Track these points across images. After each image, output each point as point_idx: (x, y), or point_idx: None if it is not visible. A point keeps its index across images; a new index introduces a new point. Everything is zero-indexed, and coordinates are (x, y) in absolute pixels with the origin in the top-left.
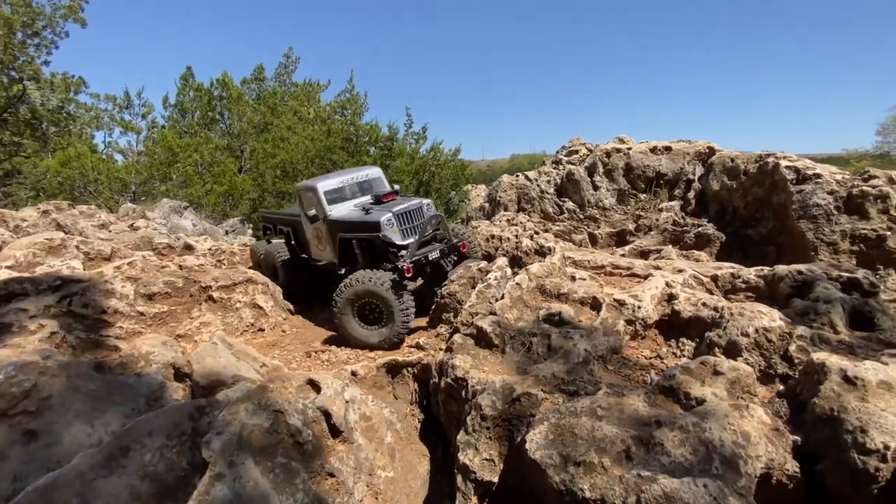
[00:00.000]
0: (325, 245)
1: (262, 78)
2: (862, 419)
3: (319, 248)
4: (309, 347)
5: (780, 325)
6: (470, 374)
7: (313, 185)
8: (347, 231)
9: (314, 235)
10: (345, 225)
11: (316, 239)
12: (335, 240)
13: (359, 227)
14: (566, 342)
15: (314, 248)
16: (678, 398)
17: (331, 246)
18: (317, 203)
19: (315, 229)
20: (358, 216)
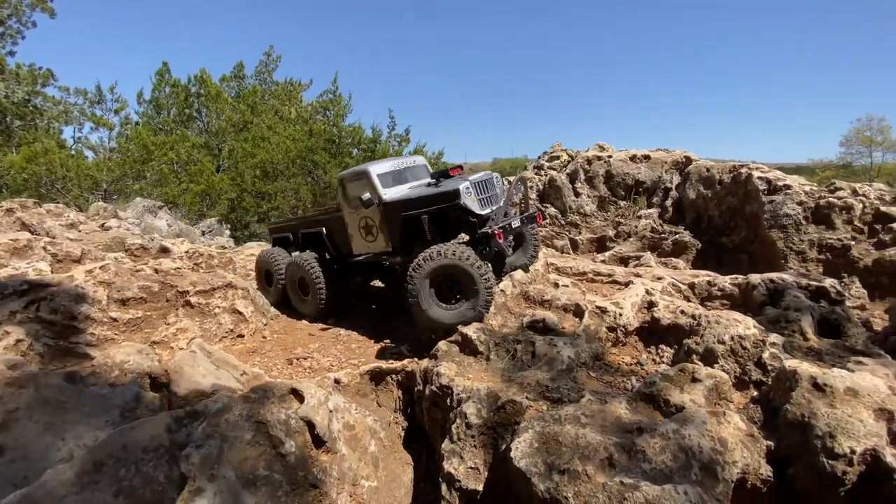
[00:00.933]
0: (376, 234)
1: (242, 76)
2: (830, 425)
3: (368, 240)
4: (290, 354)
5: (754, 332)
6: (455, 382)
7: (364, 169)
8: (414, 208)
9: (361, 226)
10: (409, 203)
11: (363, 230)
12: (393, 223)
13: (429, 200)
14: (550, 349)
15: (359, 241)
16: (658, 405)
17: (386, 233)
18: (370, 187)
19: (364, 218)
20: (426, 191)
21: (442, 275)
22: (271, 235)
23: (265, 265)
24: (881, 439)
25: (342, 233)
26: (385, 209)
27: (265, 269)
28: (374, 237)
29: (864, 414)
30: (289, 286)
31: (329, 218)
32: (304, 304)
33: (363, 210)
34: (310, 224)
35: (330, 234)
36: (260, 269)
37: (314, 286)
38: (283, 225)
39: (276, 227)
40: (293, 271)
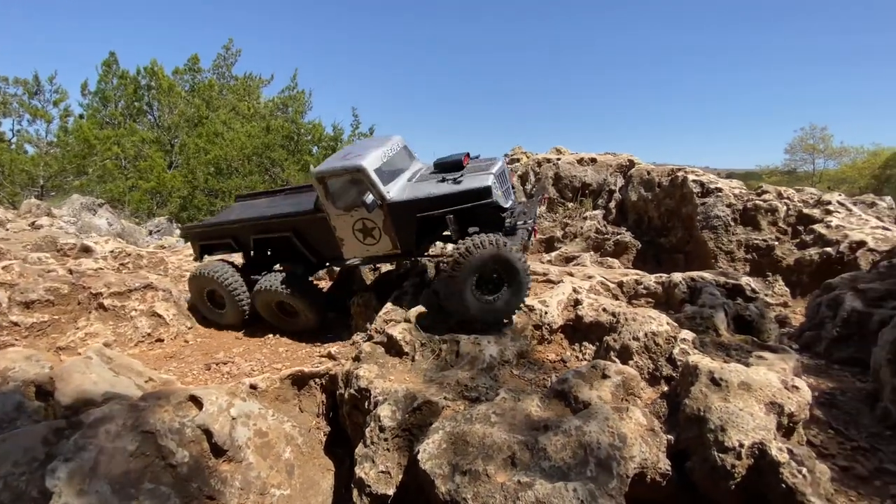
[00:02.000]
0: (379, 235)
1: (198, 69)
2: (723, 418)
3: (367, 242)
4: (211, 359)
5: (666, 329)
6: (374, 385)
7: (356, 165)
8: (436, 208)
9: (357, 228)
10: (430, 202)
11: (360, 232)
12: (406, 224)
13: (456, 199)
14: (474, 348)
15: (353, 244)
16: (569, 402)
17: (392, 234)
18: (369, 187)
19: (361, 220)
20: (447, 189)
21: (486, 268)
22: (197, 242)
23: (209, 283)
24: (769, 432)
25: (324, 236)
26: (393, 210)
27: (207, 289)
28: (375, 239)
29: (756, 407)
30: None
31: (301, 219)
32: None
33: (358, 212)
34: (267, 227)
35: (303, 238)
36: (200, 288)
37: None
38: (215, 229)
39: (206, 233)
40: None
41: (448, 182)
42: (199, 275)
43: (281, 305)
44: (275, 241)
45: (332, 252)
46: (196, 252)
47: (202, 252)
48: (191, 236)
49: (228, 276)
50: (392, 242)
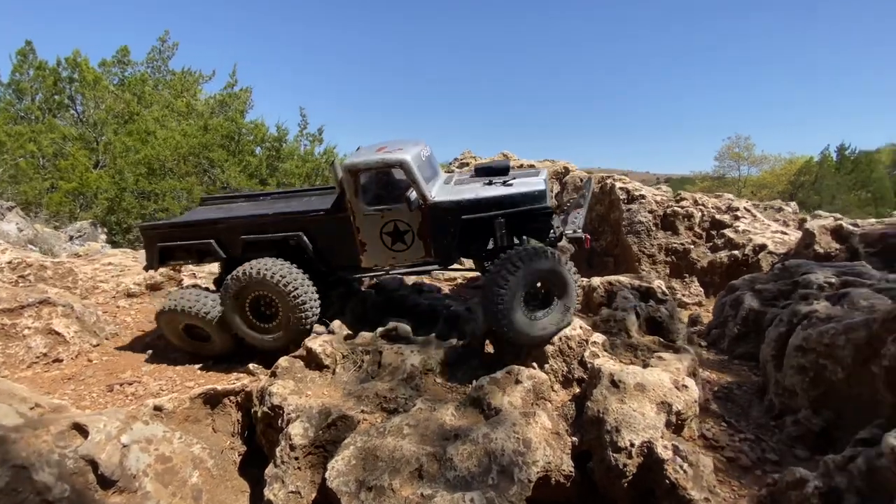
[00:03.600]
0: (411, 240)
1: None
2: (618, 419)
3: (396, 248)
4: (115, 379)
5: (579, 332)
6: (287, 401)
7: (399, 158)
8: (483, 210)
9: (385, 231)
10: (476, 204)
11: (388, 235)
12: (446, 228)
13: (507, 202)
14: (396, 358)
15: (376, 250)
16: (482, 408)
17: (428, 240)
18: (412, 183)
19: (392, 221)
20: (498, 191)
21: (537, 281)
22: (157, 244)
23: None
24: (657, 431)
25: (340, 239)
26: (434, 212)
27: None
28: (405, 245)
29: (648, 407)
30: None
31: (315, 218)
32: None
33: (391, 212)
34: (266, 227)
35: (314, 242)
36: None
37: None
38: (188, 228)
39: (173, 233)
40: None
41: (497, 185)
42: (171, 311)
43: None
44: (272, 245)
45: (348, 259)
46: (152, 256)
47: (161, 257)
48: (149, 237)
49: (206, 304)
50: (425, 249)
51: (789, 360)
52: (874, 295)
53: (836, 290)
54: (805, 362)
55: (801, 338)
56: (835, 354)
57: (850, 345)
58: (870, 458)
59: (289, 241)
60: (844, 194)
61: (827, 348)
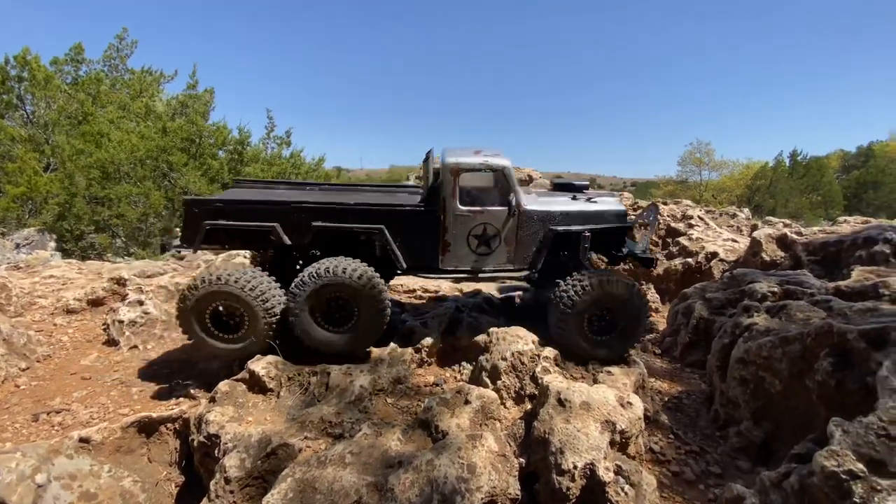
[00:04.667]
0: (496, 245)
1: (82, 59)
2: (562, 440)
3: (479, 251)
4: (43, 407)
5: (531, 347)
6: (225, 429)
7: (502, 163)
8: (572, 224)
9: (474, 233)
10: (567, 217)
11: (474, 238)
12: (532, 237)
13: (595, 218)
14: (344, 379)
15: (459, 251)
16: (430, 431)
17: (513, 246)
18: (508, 188)
19: (481, 225)
20: (587, 206)
21: (603, 303)
22: (204, 222)
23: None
24: (600, 452)
25: (423, 237)
26: (526, 218)
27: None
28: (490, 249)
29: (592, 427)
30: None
31: (402, 213)
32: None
33: (483, 215)
34: (342, 214)
35: (395, 237)
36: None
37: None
38: (248, 206)
39: (226, 210)
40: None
41: (581, 201)
42: (219, 285)
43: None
44: (346, 236)
45: (426, 258)
46: (196, 236)
47: (206, 238)
48: (195, 213)
49: (272, 293)
50: (508, 255)
51: (732, 371)
52: (810, 308)
53: (778, 299)
54: (746, 374)
55: (742, 350)
56: (773, 367)
57: (786, 358)
58: (802, 476)
59: (366, 234)
60: (797, 198)
61: (765, 361)
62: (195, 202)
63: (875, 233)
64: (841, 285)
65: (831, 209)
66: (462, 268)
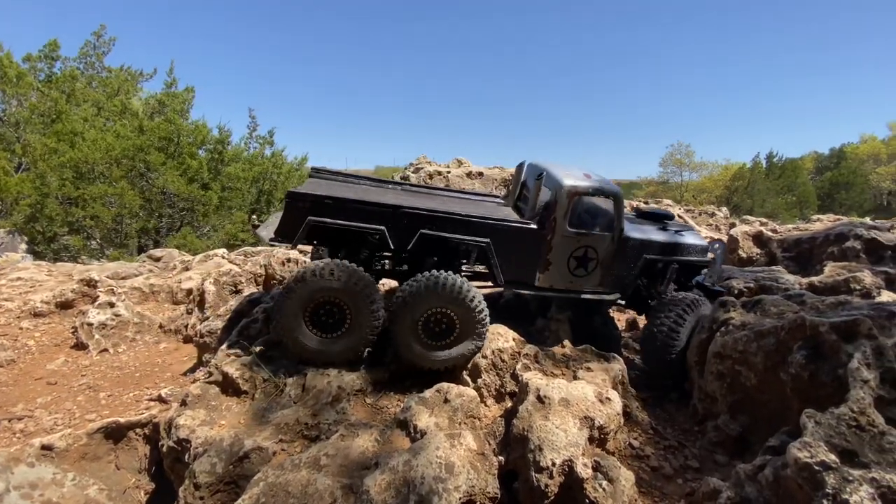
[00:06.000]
0: (592, 268)
1: (56, 56)
2: (541, 437)
3: (576, 272)
4: (4, 414)
5: (512, 345)
6: (196, 434)
7: (616, 190)
8: (665, 254)
9: (575, 255)
10: (660, 247)
11: (574, 259)
12: (628, 263)
13: (684, 250)
14: (321, 380)
15: (558, 270)
16: (409, 431)
17: (608, 270)
18: (617, 216)
19: (583, 247)
20: (679, 238)
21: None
22: (309, 217)
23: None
24: (578, 448)
25: (524, 254)
26: (625, 245)
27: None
28: (586, 272)
29: (571, 423)
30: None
31: (503, 227)
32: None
33: (586, 238)
34: (454, 224)
35: (497, 252)
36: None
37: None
38: (360, 205)
39: (332, 206)
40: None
41: (671, 232)
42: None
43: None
44: (452, 246)
45: (524, 275)
46: (295, 231)
47: (308, 236)
48: (298, 207)
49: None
50: (601, 279)
51: (709, 366)
52: (784, 302)
53: (753, 295)
54: (723, 368)
55: (719, 344)
56: (748, 361)
57: (761, 351)
58: (776, 468)
59: (471, 246)
60: (773, 198)
61: (741, 355)
62: (301, 196)
63: (845, 229)
64: (814, 280)
65: (806, 209)
66: (556, 287)
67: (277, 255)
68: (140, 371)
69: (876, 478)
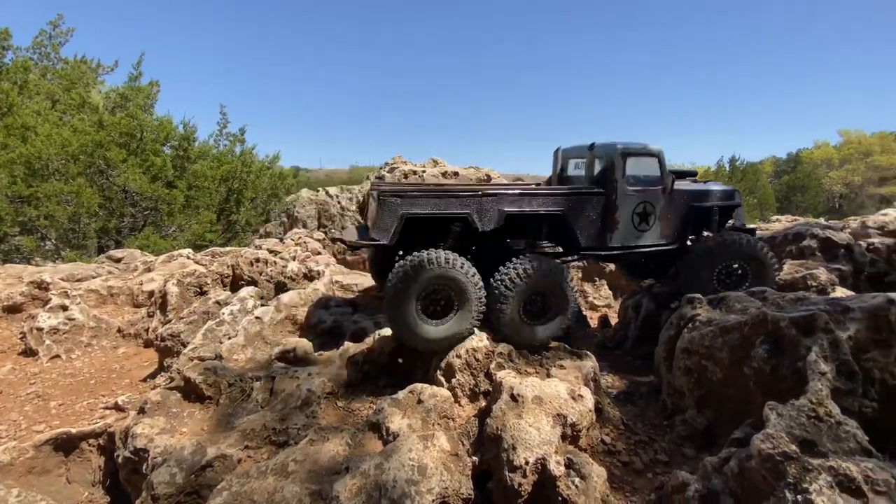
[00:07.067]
0: (652, 222)
1: (7, 46)
2: (514, 436)
3: (641, 228)
4: None
5: (485, 344)
6: (154, 443)
7: (658, 149)
8: (705, 201)
9: (637, 212)
10: (700, 195)
11: (637, 216)
12: (679, 213)
13: (719, 196)
14: (290, 383)
15: (626, 230)
16: (381, 433)
17: (665, 222)
18: (662, 170)
19: (642, 203)
20: (709, 187)
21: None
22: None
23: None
24: (551, 446)
25: (598, 217)
26: (675, 196)
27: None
28: (648, 226)
29: (544, 421)
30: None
31: (570, 196)
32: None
33: (642, 194)
34: (531, 199)
35: (573, 219)
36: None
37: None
38: (451, 195)
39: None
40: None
41: (701, 184)
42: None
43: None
44: (535, 220)
45: (596, 237)
46: (391, 226)
47: (402, 236)
48: (393, 203)
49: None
50: (661, 231)
51: (677, 361)
52: (747, 298)
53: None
54: (690, 364)
55: (686, 340)
56: (714, 356)
57: (726, 346)
58: (741, 459)
59: (547, 217)
60: None
61: (707, 350)
62: (392, 192)
63: (803, 229)
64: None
65: (766, 210)
66: (627, 244)
67: (245, 254)
68: (95, 378)
69: (833, 466)
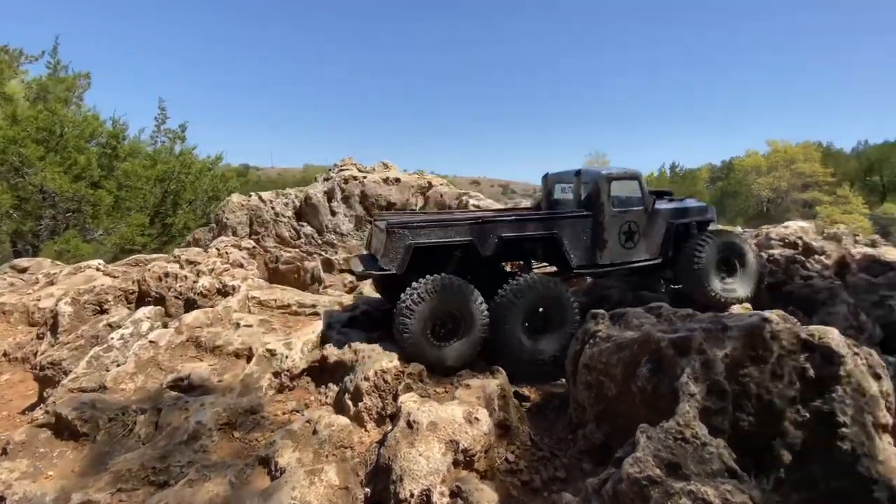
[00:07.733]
0: (637, 240)
1: None
2: (403, 467)
3: (627, 246)
4: None
5: (395, 364)
6: (12, 489)
7: (636, 171)
8: (683, 218)
9: (623, 231)
10: (678, 213)
11: (623, 235)
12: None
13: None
14: (178, 416)
15: (614, 248)
16: (270, 469)
17: (649, 240)
18: (643, 191)
19: (628, 223)
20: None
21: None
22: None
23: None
24: (438, 476)
25: (588, 238)
26: (655, 215)
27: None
28: (634, 244)
29: (436, 448)
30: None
31: (564, 218)
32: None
33: (627, 214)
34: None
35: (566, 239)
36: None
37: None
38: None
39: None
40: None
41: (678, 201)
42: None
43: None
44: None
45: (587, 257)
46: (398, 257)
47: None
48: (399, 234)
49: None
50: (646, 248)
51: (580, 376)
52: (644, 314)
53: (627, 305)
54: (590, 379)
55: (587, 356)
56: (610, 372)
57: (620, 363)
58: (615, 481)
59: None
60: None
61: (604, 366)
62: (400, 224)
63: None
64: None
65: None
66: (616, 261)
67: (153, 269)
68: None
69: (693, 490)
